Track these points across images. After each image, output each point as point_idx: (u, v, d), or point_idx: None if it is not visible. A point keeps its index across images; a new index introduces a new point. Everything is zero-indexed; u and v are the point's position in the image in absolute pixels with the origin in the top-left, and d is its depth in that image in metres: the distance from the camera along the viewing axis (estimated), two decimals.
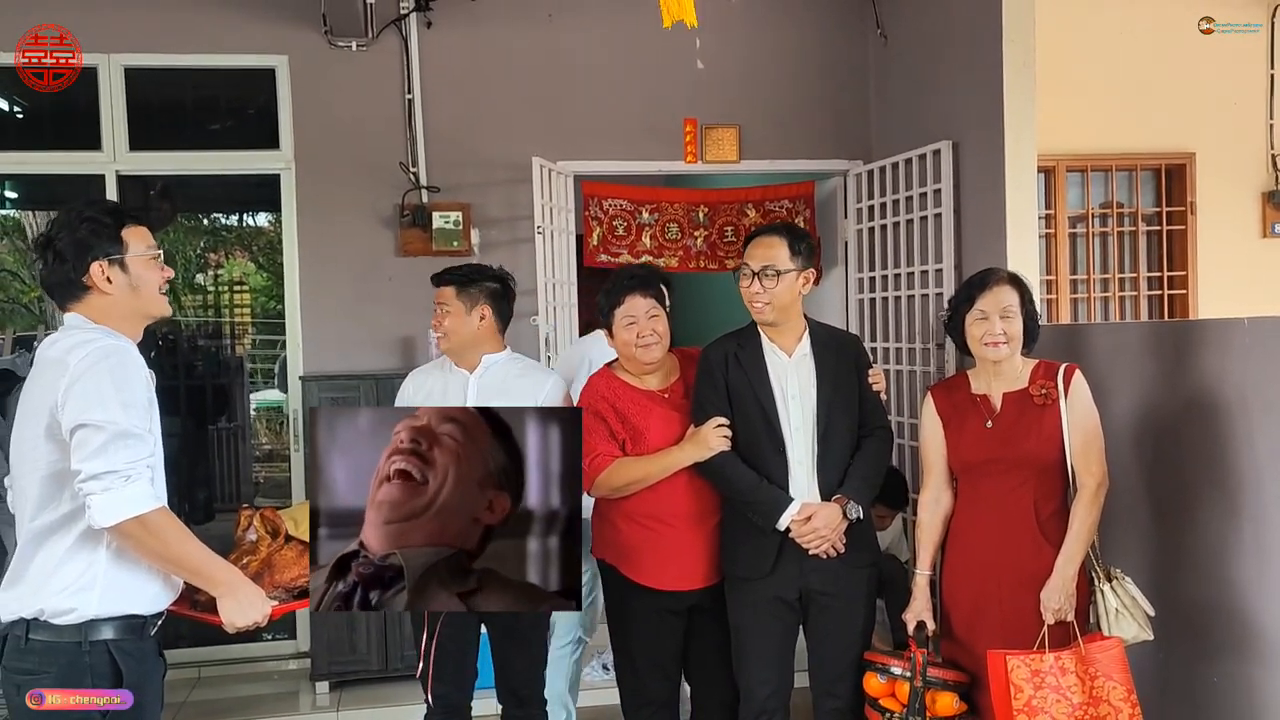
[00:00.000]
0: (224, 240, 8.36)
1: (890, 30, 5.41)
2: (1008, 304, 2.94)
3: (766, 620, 3.05)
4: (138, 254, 2.30)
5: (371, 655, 4.81)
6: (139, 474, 2.13)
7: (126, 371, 2.18)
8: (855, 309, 5.59)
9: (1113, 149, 5.83)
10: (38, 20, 4.75)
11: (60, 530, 2.18)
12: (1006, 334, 2.93)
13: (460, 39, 5.27)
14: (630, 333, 3.11)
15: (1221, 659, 3.10)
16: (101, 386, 2.13)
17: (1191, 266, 5.90)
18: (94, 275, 2.25)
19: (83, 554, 2.18)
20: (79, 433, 2.11)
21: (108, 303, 2.27)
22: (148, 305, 2.33)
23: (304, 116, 5.17)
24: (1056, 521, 2.90)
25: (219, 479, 6.63)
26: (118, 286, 2.27)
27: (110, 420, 2.11)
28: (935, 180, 4.84)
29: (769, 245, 3.06)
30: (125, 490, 2.10)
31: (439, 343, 3.34)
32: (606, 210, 5.72)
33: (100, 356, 2.16)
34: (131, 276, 2.29)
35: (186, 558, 2.22)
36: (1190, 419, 3.19)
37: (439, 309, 3.27)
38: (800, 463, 3.03)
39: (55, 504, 2.18)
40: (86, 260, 2.24)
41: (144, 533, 2.13)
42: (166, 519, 2.17)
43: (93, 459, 2.09)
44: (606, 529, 3.22)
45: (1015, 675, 2.74)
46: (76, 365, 2.14)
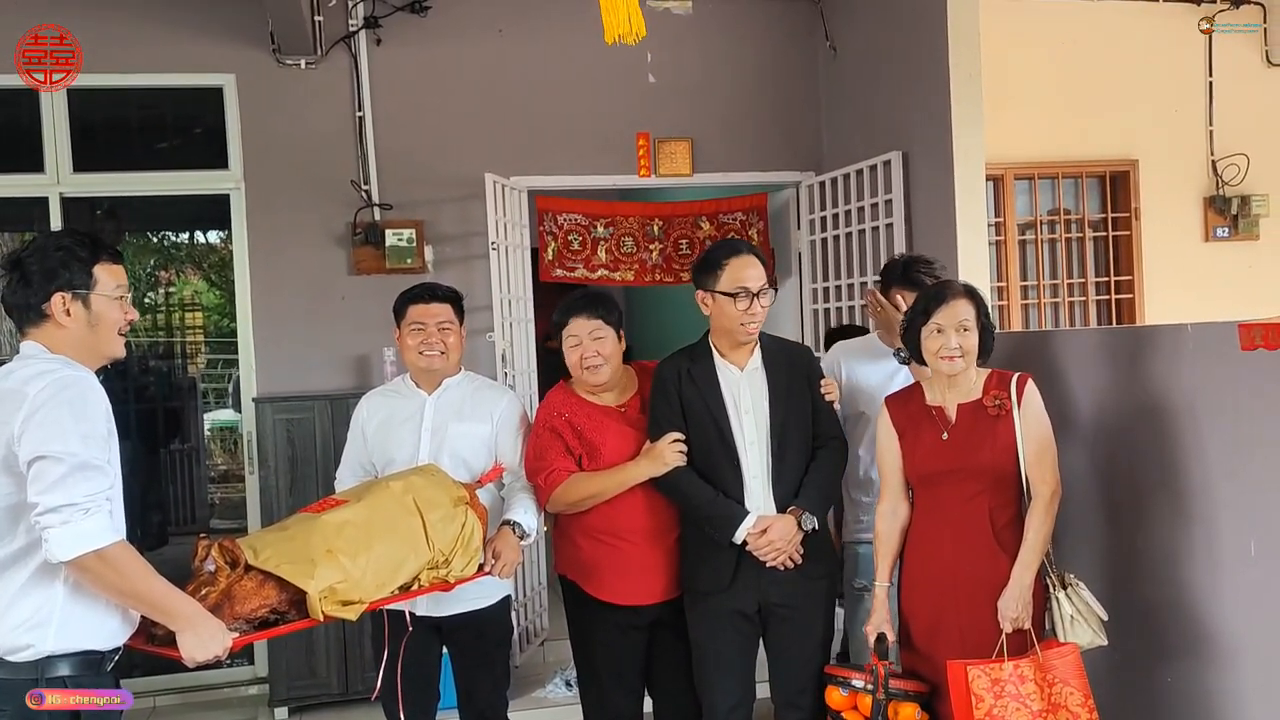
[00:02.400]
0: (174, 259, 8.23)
1: (839, 43, 5.46)
2: (964, 318, 2.96)
3: (727, 634, 3.06)
4: (104, 292, 2.26)
5: (331, 679, 4.76)
6: (98, 507, 2.09)
7: (86, 403, 2.15)
8: (810, 319, 5.63)
9: (1059, 157, 5.92)
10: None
11: (15, 565, 2.14)
12: (962, 348, 2.95)
13: (411, 55, 5.25)
14: (575, 354, 3.12)
15: (1175, 660, 3.13)
16: (61, 418, 2.09)
17: (1137, 271, 6.01)
18: (54, 305, 2.22)
19: (39, 589, 2.13)
20: (37, 464, 2.07)
21: (63, 335, 2.24)
22: (102, 345, 2.30)
23: (253, 135, 5.12)
24: (1012, 531, 2.93)
25: (173, 502, 6.50)
26: (75, 321, 2.24)
27: (69, 452, 2.07)
28: (886, 190, 4.88)
29: (755, 264, 3.09)
30: (84, 524, 2.06)
31: (433, 361, 3.19)
32: (561, 225, 5.72)
33: (60, 388, 2.12)
34: (92, 314, 2.25)
35: (147, 593, 2.18)
36: (1141, 424, 3.23)
37: (437, 327, 3.18)
38: (755, 476, 3.05)
39: (10, 538, 2.14)
40: (50, 288, 2.21)
41: (103, 567, 2.09)
42: (126, 553, 2.13)
43: (51, 491, 2.05)
44: (567, 546, 3.22)
45: (976, 685, 2.76)
46: (35, 396, 2.10)
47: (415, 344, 3.19)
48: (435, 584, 2.77)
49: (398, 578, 2.66)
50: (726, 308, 3.05)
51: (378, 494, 2.77)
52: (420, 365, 3.21)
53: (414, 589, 2.74)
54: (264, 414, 4.77)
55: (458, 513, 2.83)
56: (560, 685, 4.83)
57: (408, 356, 3.24)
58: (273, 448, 4.74)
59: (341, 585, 2.49)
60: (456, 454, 3.15)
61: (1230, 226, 6.09)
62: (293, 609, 2.47)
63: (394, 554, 2.65)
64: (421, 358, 3.19)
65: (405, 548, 2.68)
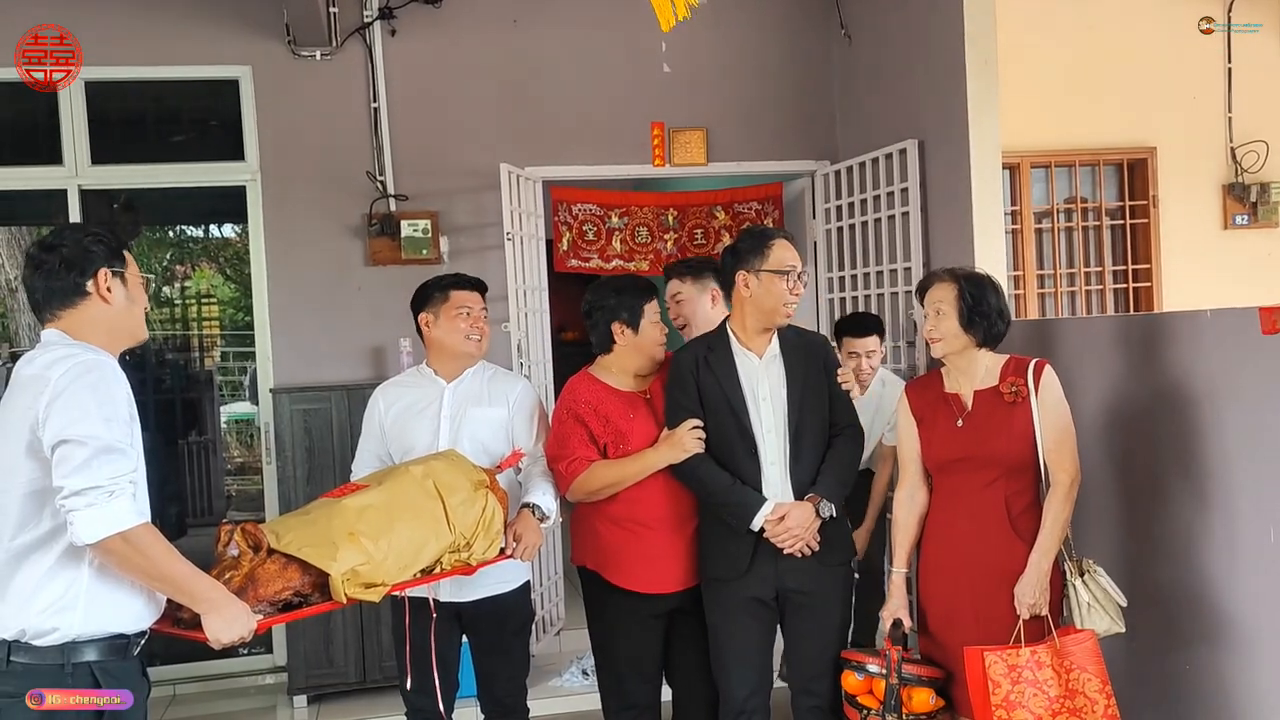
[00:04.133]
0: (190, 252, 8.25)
1: (854, 31, 5.44)
2: (939, 300, 2.99)
3: (744, 620, 3.06)
4: (134, 273, 2.35)
5: (349, 667, 4.78)
6: (122, 489, 2.10)
7: (109, 386, 2.16)
8: (825, 309, 5.62)
9: (1076, 145, 5.90)
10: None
11: (41, 549, 2.15)
12: (936, 330, 2.97)
13: (425, 46, 5.26)
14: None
15: (1193, 648, 3.13)
16: (84, 401, 2.10)
17: (1155, 259, 5.98)
18: (99, 281, 2.27)
19: (64, 573, 2.14)
20: (61, 449, 2.08)
21: (103, 314, 2.28)
22: (135, 324, 2.36)
23: (269, 127, 5.14)
24: (1028, 518, 2.92)
25: (191, 494, 6.55)
26: (117, 298, 2.30)
27: (93, 435, 2.08)
28: (902, 179, 4.87)
29: (795, 249, 3.11)
30: (108, 506, 2.07)
31: (478, 346, 3.24)
32: (576, 215, 5.72)
33: (82, 371, 2.13)
34: (130, 290, 2.33)
35: (172, 574, 2.19)
36: (1159, 411, 3.22)
37: (477, 313, 3.24)
38: (773, 463, 3.05)
39: (36, 522, 2.15)
40: (95, 267, 2.27)
41: (128, 549, 2.10)
42: (151, 535, 2.14)
43: (75, 475, 2.06)
44: (586, 534, 3.23)
45: (993, 671, 2.76)
46: (58, 380, 2.11)
47: (465, 327, 3.21)
48: (457, 567, 2.79)
49: (420, 560, 2.67)
50: (772, 286, 3.04)
51: (398, 478, 2.78)
52: (467, 350, 3.23)
53: (436, 572, 2.76)
54: (281, 405, 4.79)
55: (478, 496, 2.84)
56: (576, 674, 4.84)
57: (452, 339, 3.22)
58: (289, 438, 4.76)
59: (364, 568, 2.50)
60: (476, 438, 3.17)
61: (1250, 214, 6.06)
62: (316, 592, 2.48)
63: (416, 537, 2.66)
64: (468, 342, 3.22)
65: (427, 531, 2.69)
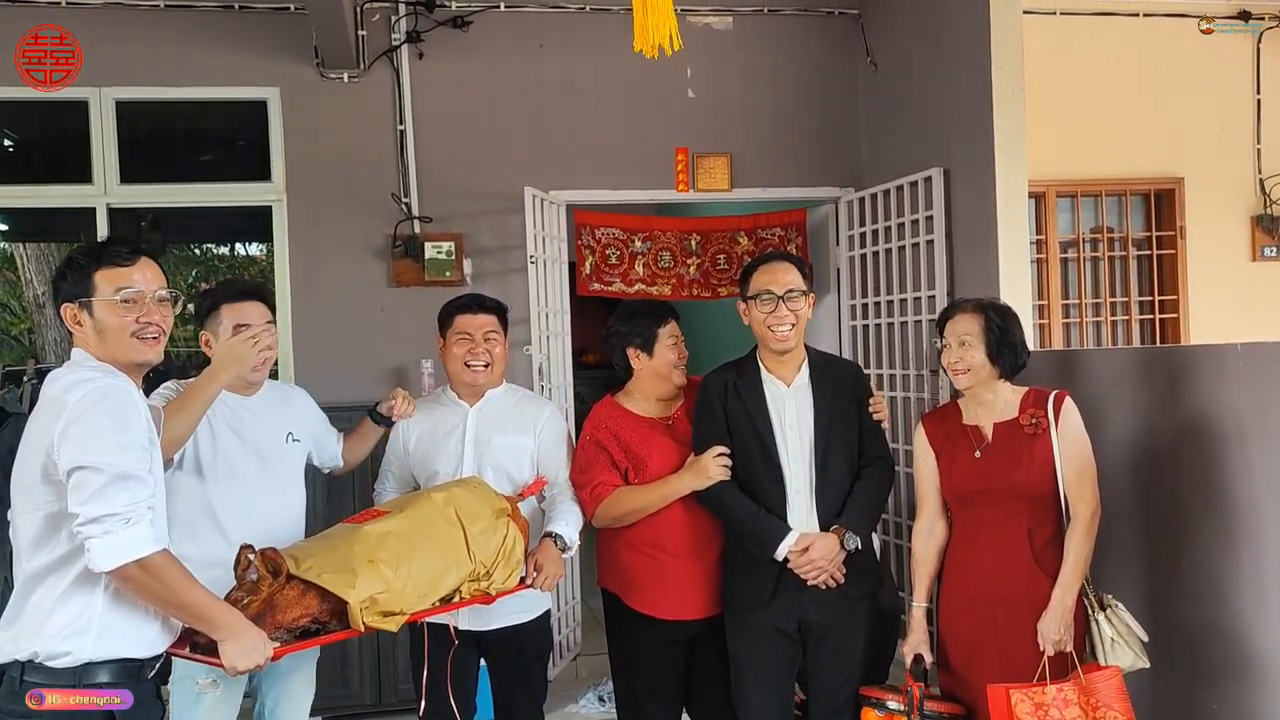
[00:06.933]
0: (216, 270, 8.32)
1: (880, 59, 5.44)
2: (964, 331, 2.96)
3: (765, 650, 3.03)
4: (103, 298, 2.22)
5: (364, 689, 4.76)
6: (139, 516, 2.10)
7: (125, 412, 2.15)
8: (848, 336, 5.59)
9: (1102, 174, 5.87)
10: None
11: (57, 572, 2.14)
12: (964, 361, 2.94)
13: (452, 70, 5.29)
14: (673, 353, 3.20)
15: (1221, 685, 3.08)
16: (100, 428, 2.10)
17: (1182, 290, 5.94)
18: (66, 318, 2.25)
19: (79, 596, 2.14)
20: (76, 474, 2.07)
21: (91, 343, 2.26)
22: (115, 351, 2.24)
23: (296, 148, 5.18)
24: (1051, 551, 2.89)
25: None
26: (86, 330, 2.24)
27: (109, 462, 2.08)
28: (927, 207, 4.85)
29: (785, 270, 3.07)
30: (125, 533, 2.07)
31: (478, 375, 3.15)
32: (599, 239, 5.73)
33: (99, 397, 2.13)
34: (96, 321, 2.23)
35: (189, 602, 2.19)
36: (1185, 445, 3.19)
37: (484, 337, 3.15)
38: (799, 492, 3.02)
39: (52, 545, 2.15)
40: (59, 301, 2.26)
41: (145, 576, 2.10)
42: (168, 562, 2.14)
43: (91, 502, 2.06)
44: (610, 558, 3.22)
45: (1019, 709, 2.72)
46: (75, 405, 2.11)
47: (461, 354, 3.14)
48: (476, 596, 2.77)
49: (439, 589, 2.66)
50: (753, 312, 3.06)
51: (420, 505, 2.76)
52: (465, 379, 3.17)
53: (455, 600, 2.74)
54: None
55: (500, 525, 2.82)
56: (593, 700, 4.81)
57: (452, 367, 3.19)
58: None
59: (383, 596, 2.49)
60: (499, 466, 3.13)
61: (1279, 246, 6.00)
62: (334, 619, 2.47)
63: (436, 565, 2.65)
64: (467, 370, 3.14)
65: (447, 559, 2.68)
